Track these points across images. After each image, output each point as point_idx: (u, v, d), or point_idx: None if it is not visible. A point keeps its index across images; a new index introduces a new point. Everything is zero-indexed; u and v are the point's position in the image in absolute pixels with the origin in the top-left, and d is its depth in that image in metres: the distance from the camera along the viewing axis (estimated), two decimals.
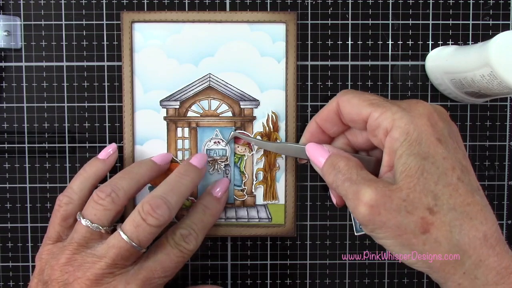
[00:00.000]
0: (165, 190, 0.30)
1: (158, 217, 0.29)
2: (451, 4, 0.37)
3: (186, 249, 0.30)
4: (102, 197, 0.30)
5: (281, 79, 0.36)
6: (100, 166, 0.33)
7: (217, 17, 0.35)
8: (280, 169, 0.36)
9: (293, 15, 0.35)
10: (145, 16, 0.35)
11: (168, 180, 0.31)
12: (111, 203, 0.30)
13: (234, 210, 0.36)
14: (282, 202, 0.36)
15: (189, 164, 0.33)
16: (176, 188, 0.31)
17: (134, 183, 0.31)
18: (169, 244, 0.30)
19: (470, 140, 0.37)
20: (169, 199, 0.30)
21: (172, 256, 0.30)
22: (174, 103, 0.36)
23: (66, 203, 0.31)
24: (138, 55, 0.35)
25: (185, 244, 0.30)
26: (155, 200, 0.29)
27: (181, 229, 0.31)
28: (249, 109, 0.36)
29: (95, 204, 0.30)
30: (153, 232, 0.29)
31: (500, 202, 0.38)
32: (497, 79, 0.29)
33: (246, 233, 0.36)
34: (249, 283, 0.37)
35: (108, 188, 0.30)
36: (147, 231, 0.29)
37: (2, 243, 0.37)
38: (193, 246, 0.31)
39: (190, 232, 0.31)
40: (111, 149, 0.34)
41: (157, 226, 0.29)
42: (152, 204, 0.29)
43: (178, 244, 0.30)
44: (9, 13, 0.36)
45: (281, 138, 0.36)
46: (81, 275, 0.28)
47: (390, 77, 0.37)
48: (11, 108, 0.36)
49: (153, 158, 0.34)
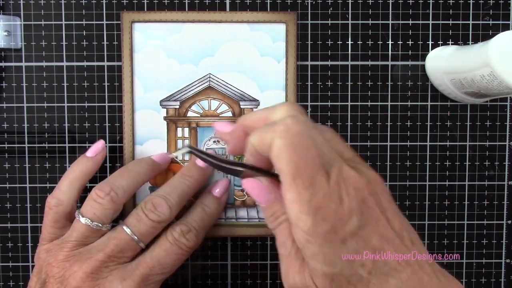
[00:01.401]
0: (167, 190, 0.31)
1: (159, 214, 0.30)
2: (451, 4, 0.37)
3: (186, 245, 0.30)
4: (101, 195, 0.30)
5: (281, 79, 0.36)
6: (88, 164, 0.32)
7: (217, 17, 0.35)
8: None
9: (293, 15, 0.35)
10: (145, 16, 0.35)
11: (172, 181, 0.32)
12: (110, 202, 0.30)
13: (234, 210, 0.36)
14: None
15: (193, 164, 0.33)
16: (178, 189, 0.31)
17: (133, 182, 0.31)
18: (168, 240, 0.30)
19: (470, 140, 0.37)
20: (171, 198, 0.30)
21: (170, 253, 0.30)
22: (174, 103, 0.36)
23: (55, 205, 0.31)
24: (138, 55, 0.35)
25: (185, 240, 0.30)
26: (157, 199, 0.30)
27: (181, 226, 0.31)
28: (249, 109, 0.36)
29: (94, 203, 0.30)
30: (153, 227, 0.30)
31: (500, 202, 0.38)
32: (497, 79, 0.29)
33: (246, 233, 0.36)
34: (249, 283, 0.37)
35: (107, 186, 0.30)
36: (148, 225, 0.29)
37: (2, 243, 0.37)
38: (193, 243, 0.31)
39: (190, 229, 0.31)
40: (99, 146, 0.33)
41: (158, 222, 0.30)
42: (154, 203, 0.30)
43: (177, 240, 0.30)
44: (9, 13, 0.36)
45: None
46: (77, 269, 0.28)
47: (390, 77, 0.37)
48: (11, 108, 0.36)
49: (153, 156, 0.34)
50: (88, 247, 0.29)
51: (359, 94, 0.37)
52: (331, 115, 0.37)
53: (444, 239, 0.38)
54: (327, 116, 0.37)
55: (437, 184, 0.37)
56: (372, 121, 0.37)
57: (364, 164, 0.24)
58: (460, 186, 0.37)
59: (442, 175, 0.37)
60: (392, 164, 0.37)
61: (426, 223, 0.37)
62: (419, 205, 0.37)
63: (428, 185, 0.37)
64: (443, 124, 0.37)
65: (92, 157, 0.33)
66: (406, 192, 0.37)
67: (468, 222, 0.37)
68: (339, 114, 0.37)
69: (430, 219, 0.37)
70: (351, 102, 0.37)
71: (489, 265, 0.38)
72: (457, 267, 0.38)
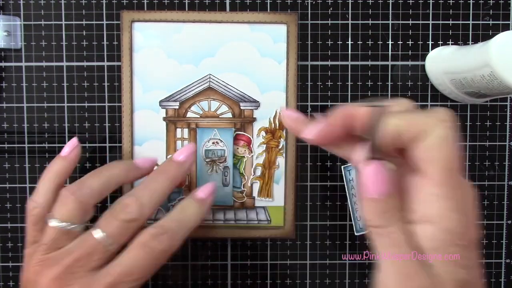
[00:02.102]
0: (139, 188, 0.30)
1: (128, 213, 0.28)
2: (451, 4, 0.37)
3: (158, 249, 0.28)
4: (67, 195, 0.29)
5: (282, 80, 0.36)
6: (62, 163, 0.32)
7: (217, 17, 0.35)
8: (280, 168, 0.36)
9: (294, 16, 0.35)
10: (145, 16, 0.35)
11: (145, 179, 0.31)
12: (75, 202, 0.29)
13: (233, 212, 0.36)
14: (281, 204, 0.36)
15: (168, 160, 0.32)
16: (151, 186, 0.30)
17: (104, 182, 0.30)
18: (135, 245, 0.28)
19: (470, 140, 0.37)
20: (141, 196, 0.29)
21: (139, 258, 0.28)
22: (173, 103, 0.36)
23: (32, 207, 0.30)
24: (138, 55, 0.35)
25: (156, 244, 0.28)
26: (126, 198, 0.29)
27: (152, 229, 0.29)
28: (249, 110, 0.36)
29: (61, 204, 0.29)
30: (122, 227, 0.28)
31: (500, 202, 0.38)
32: (497, 79, 0.29)
33: (245, 235, 0.36)
34: (249, 283, 0.37)
35: (74, 186, 0.29)
36: (118, 226, 0.28)
37: (2, 243, 0.37)
38: (166, 246, 0.29)
39: (163, 231, 0.29)
40: (72, 144, 0.32)
41: (127, 221, 0.28)
42: (123, 202, 0.29)
43: (146, 244, 0.28)
44: (9, 13, 0.36)
45: (284, 136, 0.36)
46: (45, 274, 0.27)
47: (390, 77, 0.37)
48: (11, 108, 0.36)
49: (135, 160, 0.33)
50: (59, 251, 0.28)
51: (359, 94, 0.37)
52: None
53: None
54: None
55: None
56: None
57: None
58: None
59: None
60: None
61: None
62: None
63: None
64: None
65: (66, 156, 0.32)
66: None
67: None
68: None
69: None
70: (351, 102, 0.37)
71: (489, 265, 0.38)
72: None
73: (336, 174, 0.37)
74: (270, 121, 0.36)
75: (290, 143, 0.36)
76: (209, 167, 0.36)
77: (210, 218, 0.36)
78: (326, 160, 0.37)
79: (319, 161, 0.37)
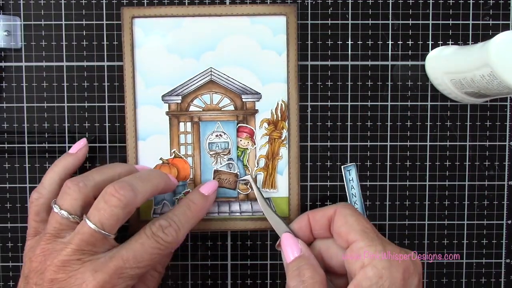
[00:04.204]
0: (131, 176, 0.31)
1: (120, 197, 0.28)
2: (451, 4, 0.37)
3: (164, 240, 0.29)
4: (70, 186, 0.30)
5: (283, 72, 0.36)
6: (69, 159, 0.34)
7: (217, 11, 0.35)
8: (283, 159, 0.36)
9: (293, 7, 0.35)
10: (146, 11, 0.35)
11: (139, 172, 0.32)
12: (77, 192, 0.30)
13: (238, 204, 0.36)
14: (285, 195, 0.36)
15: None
16: (144, 176, 0.31)
17: (107, 178, 0.31)
18: (145, 233, 0.29)
19: (470, 140, 0.37)
20: (134, 183, 0.30)
21: (147, 246, 0.29)
22: (176, 98, 0.36)
23: (36, 198, 0.32)
24: (139, 51, 0.35)
25: (163, 235, 0.30)
26: (118, 183, 0.29)
27: (161, 220, 0.30)
28: (251, 102, 0.36)
29: (64, 193, 0.30)
30: (115, 214, 0.28)
31: (500, 202, 0.38)
32: (497, 79, 0.29)
33: (251, 226, 0.36)
34: (249, 283, 0.37)
35: (79, 178, 0.30)
36: (109, 213, 0.28)
37: (2, 243, 0.37)
38: (172, 239, 0.30)
39: (170, 223, 0.30)
40: (81, 143, 0.35)
41: (120, 207, 0.28)
42: (115, 186, 0.29)
43: (155, 234, 0.29)
44: (9, 13, 0.36)
45: (287, 127, 0.36)
46: (50, 263, 0.28)
47: (390, 77, 0.37)
48: (11, 108, 0.36)
49: (137, 166, 0.34)
50: (60, 240, 0.29)
51: (359, 94, 0.37)
52: (331, 115, 0.37)
53: (444, 239, 0.38)
54: (327, 116, 0.37)
55: (437, 184, 0.37)
56: (372, 121, 0.37)
57: None
58: (460, 186, 0.37)
59: (442, 175, 0.37)
60: (392, 164, 0.37)
61: (426, 223, 0.37)
62: (419, 205, 0.37)
63: (428, 185, 0.37)
64: (443, 124, 0.37)
65: (74, 153, 0.34)
66: (406, 192, 0.37)
67: (468, 222, 0.38)
68: (339, 114, 0.37)
69: (430, 219, 0.37)
70: (351, 102, 0.37)
71: (489, 265, 0.38)
72: (457, 267, 0.38)
73: (336, 174, 0.37)
74: (272, 113, 0.36)
75: (292, 133, 0.36)
76: (214, 159, 0.36)
77: (215, 211, 0.36)
78: (326, 160, 0.37)
79: (319, 161, 0.37)
